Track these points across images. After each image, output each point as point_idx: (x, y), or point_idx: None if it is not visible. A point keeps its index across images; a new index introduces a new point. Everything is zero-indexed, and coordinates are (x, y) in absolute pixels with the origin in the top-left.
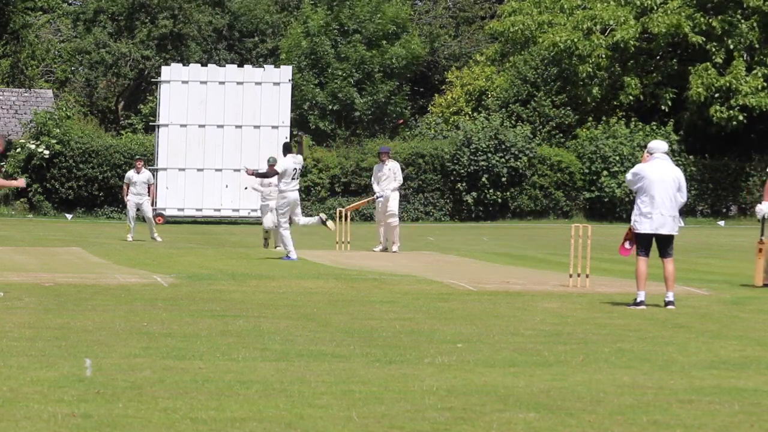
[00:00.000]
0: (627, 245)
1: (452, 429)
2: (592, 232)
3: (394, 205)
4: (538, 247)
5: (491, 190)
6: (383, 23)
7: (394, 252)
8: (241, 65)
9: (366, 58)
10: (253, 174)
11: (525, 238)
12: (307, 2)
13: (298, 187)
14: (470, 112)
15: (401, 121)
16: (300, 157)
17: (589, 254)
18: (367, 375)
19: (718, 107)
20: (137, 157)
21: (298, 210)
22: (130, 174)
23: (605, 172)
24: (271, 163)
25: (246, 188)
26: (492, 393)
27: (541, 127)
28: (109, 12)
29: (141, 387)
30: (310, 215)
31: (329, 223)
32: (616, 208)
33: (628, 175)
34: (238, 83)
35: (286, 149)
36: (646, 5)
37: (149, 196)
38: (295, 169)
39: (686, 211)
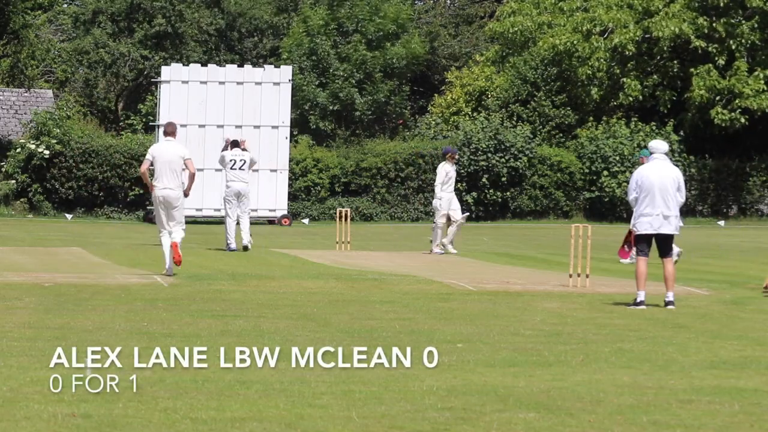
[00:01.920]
0: (626, 248)
1: (452, 429)
2: (592, 232)
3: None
4: (538, 247)
5: (491, 190)
6: (384, 23)
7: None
8: (241, 65)
9: (367, 59)
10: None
11: (525, 238)
12: (306, 2)
13: (245, 179)
14: (470, 112)
15: (401, 121)
16: (238, 151)
17: (589, 254)
18: (367, 375)
19: (719, 109)
20: None
21: (246, 206)
22: None
23: (605, 172)
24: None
25: None
26: (492, 393)
27: (541, 127)
28: (108, 12)
29: (141, 387)
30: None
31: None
32: (616, 208)
33: (630, 185)
34: (238, 83)
35: (234, 145)
36: (650, 8)
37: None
38: (233, 160)
39: (686, 211)
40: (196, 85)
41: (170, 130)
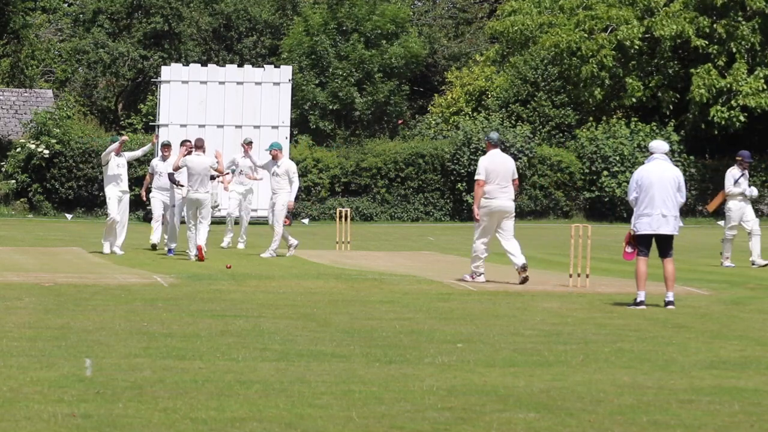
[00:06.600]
0: (629, 249)
1: (452, 429)
2: (592, 232)
3: None
4: (538, 247)
5: None
6: (382, 22)
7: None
8: (240, 65)
9: (365, 57)
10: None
11: (525, 238)
12: (307, 1)
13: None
14: (470, 112)
15: (401, 121)
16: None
17: (589, 254)
18: (367, 375)
19: (718, 107)
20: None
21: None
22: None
23: (605, 172)
24: (248, 141)
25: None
26: (492, 393)
27: (541, 127)
28: (108, 12)
29: (141, 387)
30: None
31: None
32: (616, 208)
33: (631, 185)
34: (238, 83)
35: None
36: (650, 6)
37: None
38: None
39: (686, 211)
40: (196, 85)
41: (200, 144)
